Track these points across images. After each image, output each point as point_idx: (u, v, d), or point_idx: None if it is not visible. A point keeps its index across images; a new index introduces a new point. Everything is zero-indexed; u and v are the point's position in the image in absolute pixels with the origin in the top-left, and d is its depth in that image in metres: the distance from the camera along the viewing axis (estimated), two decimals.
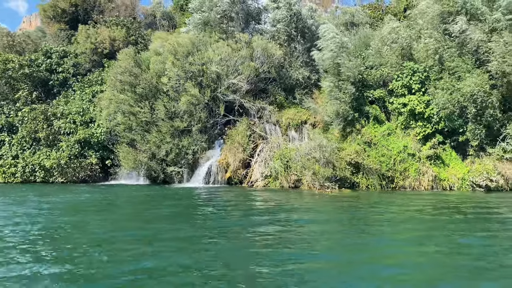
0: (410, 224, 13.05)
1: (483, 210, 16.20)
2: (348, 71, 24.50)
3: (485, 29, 23.24)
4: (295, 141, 27.25)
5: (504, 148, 23.13)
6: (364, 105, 25.88)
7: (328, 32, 25.38)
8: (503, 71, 22.18)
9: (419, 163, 23.97)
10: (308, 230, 11.87)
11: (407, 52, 25.33)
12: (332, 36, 25.13)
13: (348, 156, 24.01)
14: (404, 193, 22.73)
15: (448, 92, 23.32)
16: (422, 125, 24.40)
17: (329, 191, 21.72)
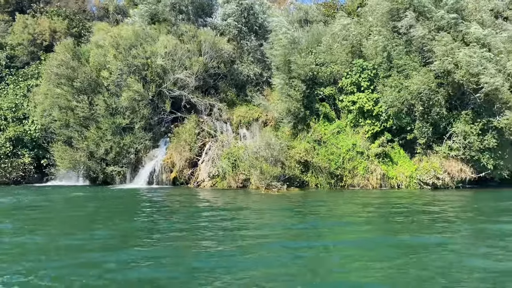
0: (345, 224, 12.40)
1: (412, 207, 15.94)
2: (299, 68, 23.85)
3: (431, 27, 23.30)
4: (246, 139, 26.30)
5: (450, 146, 23.29)
6: (314, 102, 25.35)
7: (280, 27, 24.65)
8: (446, 69, 22.28)
9: (368, 161, 23.73)
10: (232, 230, 10.88)
11: (357, 49, 25.06)
12: (284, 31, 24.42)
13: (297, 155, 23.37)
14: (352, 191, 22.37)
15: (396, 90, 23.20)
16: (370, 123, 24.17)
17: (276, 191, 20.91)
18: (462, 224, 12.46)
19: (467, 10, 24.26)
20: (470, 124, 22.74)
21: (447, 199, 19.07)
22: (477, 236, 10.82)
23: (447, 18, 23.30)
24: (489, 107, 23.00)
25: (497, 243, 9.89)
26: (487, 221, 13.03)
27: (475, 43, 23.14)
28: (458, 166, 23.06)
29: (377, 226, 12.35)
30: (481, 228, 11.82)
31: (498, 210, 15.93)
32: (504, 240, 10.16)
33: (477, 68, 22.02)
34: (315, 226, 12.14)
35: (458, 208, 16.25)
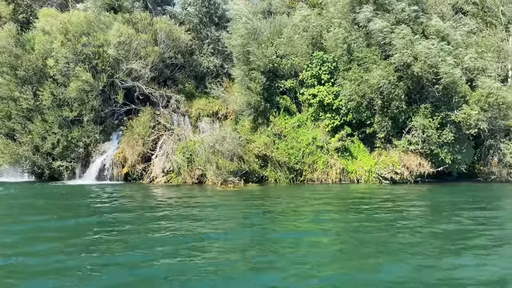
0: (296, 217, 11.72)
1: (359, 200, 15.55)
2: (258, 59, 23.01)
3: (391, 19, 23.00)
4: (205, 132, 25.23)
5: (409, 140, 23.16)
6: (275, 95, 24.62)
7: (240, 16, 23.69)
8: (405, 62, 22.05)
9: (328, 155, 23.28)
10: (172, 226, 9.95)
11: (317, 41, 24.47)
12: (244, 20, 23.48)
13: (256, 149, 22.62)
14: (311, 186, 21.86)
15: (356, 83, 22.80)
16: (331, 117, 23.72)
17: (232, 186, 20.05)
18: (384, 221, 12.04)
19: (428, 3, 24.10)
20: (428, 118, 22.65)
21: (395, 194, 18.80)
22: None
23: (407, 10, 23.07)
24: (447, 101, 23.00)
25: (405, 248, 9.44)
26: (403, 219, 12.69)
27: (434, 35, 23.05)
28: (417, 161, 22.97)
29: (301, 222, 11.76)
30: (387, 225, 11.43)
31: (434, 207, 15.75)
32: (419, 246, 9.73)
33: (435, 59, 21.90)
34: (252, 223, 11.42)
35: (393, 203, 15.95)
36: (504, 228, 11.57)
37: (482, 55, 24.39)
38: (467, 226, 11.50)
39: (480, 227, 11.41)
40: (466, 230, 10.88)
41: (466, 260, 8.12)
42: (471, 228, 11.18)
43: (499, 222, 12.51)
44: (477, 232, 10.72)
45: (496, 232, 10.83)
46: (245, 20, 23.21)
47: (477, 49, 24.63)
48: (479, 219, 12.64)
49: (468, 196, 18.30)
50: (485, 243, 9.52)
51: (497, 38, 25.94)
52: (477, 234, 10.48)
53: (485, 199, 17.33)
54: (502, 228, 11.61)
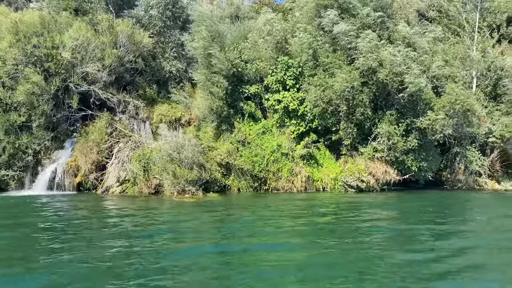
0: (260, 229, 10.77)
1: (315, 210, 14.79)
2: (220, 63, 22.14)
3: (356, 24, 22.61)
4: (167, 140, 24.05)
5: (375, 148, 22.67)
6: (239, 101, 23.77)
7: (203, 18, 22.80)
8: (370, 67, 21.63)
9: (293, 163, 22.52)
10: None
11: (282, 46, 23.84)
12: (207, 23, 22.64)
13: (218, 156, 21.63)
14: (275, 195, 21.03)
15: (321, 89, 22.21)
16: (296, 123, 23.02)
17: (189, 197, 18.94)
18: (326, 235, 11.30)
19: (393, 8, 23.87)
20: (394, 124, 22.25)
21: (358, 203, 18.19)
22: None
23: (373, 15, 22.73)
24: (412, 107, 22.70)
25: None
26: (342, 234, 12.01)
27: (400, 41, 22.78)
28: (383, 168, 22.48)
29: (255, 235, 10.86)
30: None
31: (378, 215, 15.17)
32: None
33: (401, 67, 21.59)
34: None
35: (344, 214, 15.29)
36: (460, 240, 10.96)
37: (448, 62, 24.32)
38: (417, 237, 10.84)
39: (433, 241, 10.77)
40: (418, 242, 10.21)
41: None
42: (423, 239, 10.52)
43: (457, 234, 11.93)
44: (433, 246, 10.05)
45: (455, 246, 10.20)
46: (208, 23, 22.33)
47: (444, 57, 24.56)
48: (437, 230, 12.03)
49: (429, 205, 17.84)
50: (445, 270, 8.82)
51: (463, 46, 25.97)
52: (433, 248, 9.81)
53: (446, 208, 16.90)
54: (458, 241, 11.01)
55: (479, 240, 10.61)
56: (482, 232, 11.97)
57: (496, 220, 14.26)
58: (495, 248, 9.86)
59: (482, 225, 13.19)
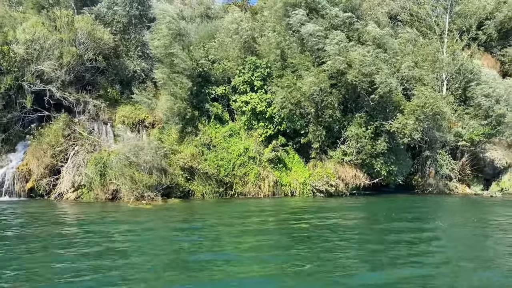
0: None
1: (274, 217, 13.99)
2: (182, 62, 21.15)
3: (325, 24, 22.04)
4: (127, 142, 22.84)
5: (345, 151, 22.10)
6: (205, 102, 22.80)
7: (164, 16, 21.78)
8: (339, 69, 21.07)
9: (260, 167, 21.68)
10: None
11: (250, 45, 23.04)
12: (168, 20, 21.58)
13: (181, 160, 20.59)
14: (241, 200, 20.15)
15: (289, 91, 21.50)
16: (264, 126, 22.23)
17: (145, 203, 17.82)
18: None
19: (362, 9, 23.42)
20: (363, 127, 21.72)
21: (325, 208, 17.48)
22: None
23: (341, 16, 22.22)
24: (382, 110, 22.25)
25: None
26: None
27: (370, 42, 22.32)
28: (352, 172, 21.93)
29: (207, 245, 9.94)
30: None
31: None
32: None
33: (370, 68, 21.10)
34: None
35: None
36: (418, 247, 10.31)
37: (418, 64, 24.02)
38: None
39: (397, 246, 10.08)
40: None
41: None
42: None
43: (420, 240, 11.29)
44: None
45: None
46: (169, 20, 21.32)
47: (414, 59, 24.24)
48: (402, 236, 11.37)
49: (396, 209, 17.30)
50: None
51: (433, 48, 25.78)
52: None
53: (409, 214, 16.35)
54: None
55: (433, 252, 9.94)
56: (437, 241, 11.33)
57: (457, 227, 13.74)
58: (446, 258, 9.22)
59: (440, 232, 12.58)
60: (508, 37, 33.01)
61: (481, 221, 14.65)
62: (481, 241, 11.29)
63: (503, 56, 32.57)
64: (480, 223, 14.16)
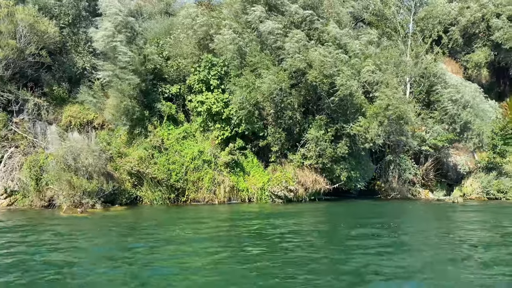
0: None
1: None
2: (126, 56, 19.63)
3: (284, 22, 21.06)
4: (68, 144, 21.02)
5: (305, 155, 21.08)
6: (157, 101, 21.32)
7: (110, 8, 20.22)
8: (299, 69, 20.11)
9: (216, 171, 20.35)
10: None
11: (207, 43, 21.76)
12: (114, 12, 20.04)
13: (128, 164, 19.00)
14: (193, 207, 18.77)
15: (247, 90, 20.33)
16: (220, 128, 20.91)
17: (80, 212, 16.14)
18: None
19: (323, 7, 22.59)
20: (323, 130, 20.79)
21: (274, 214, 16.36)
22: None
23: (301, 13, 21.29)
24: (343, 112, 21.39)
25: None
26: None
27: (331, 42, 21.48)
28: (312, 177, 20.92)
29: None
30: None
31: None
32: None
33: (332, 69, 20.23)
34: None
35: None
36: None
37: (381, 67, 23.36)
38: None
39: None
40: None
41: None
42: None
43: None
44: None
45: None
46: (114, 11, 19.79)
47: (376, 61, 23.53)
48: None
49: (351, 215, 16.38)
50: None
51: (396, 50, 25.23)
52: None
53: (363, 221, 15.43)
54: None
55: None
56: (377, 253, 10.33)
57: (408, 236, 12.85)
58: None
59: (387, 241, 11.62)
60: (471, 43, 33.20)
61: (428, 229, 13.86)
62: (421, 250, 10.38)
63: (467, 61, 32.68)
64: (426, 231, 13.35)
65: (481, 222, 15.76)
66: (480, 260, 9.41)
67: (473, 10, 30.34)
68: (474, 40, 32.66)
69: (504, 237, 12.18)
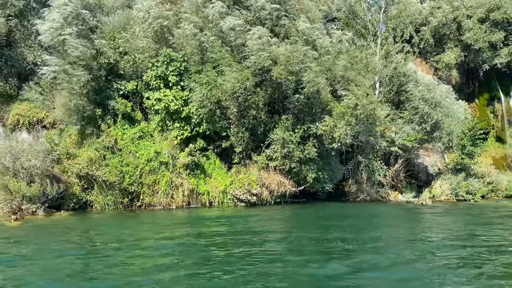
0: None
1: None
2: (77, 51, 18.18)
3: (249, 17, 20.03)
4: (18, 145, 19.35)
5: (270, 156, 20.05)
6: (111, 99, 19.88)
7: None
8: (263, 66, 19.11)
9: (174, 174, 19.08)
10: None
11: (165, 37, 20.48)
12: (63, 2, 18.55)
13: (77, 166, 17.51)
14: (148, 213, 17.43)
15: (208, 88, 19.16)
16: (180, 127, 19.65)
17: (14, 219, 14.60)
18: None
19: (290, 2, 21.65)
20: (289, 130, 19.82)
21: (230, 218, 15.27)
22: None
23: (268, 8, 20.31)
24: (310, 112, 20.48)
25: None
26: None
27: (298, 38, 20.55)
28: (277, 179, 19.91)
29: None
30: None
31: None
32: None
33: (298, 65, 19.30)
34: None
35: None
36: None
37: (351, 66, 22.55)
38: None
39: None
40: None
41: None
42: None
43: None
44: None
45: None
46: (64, 1, 18.31)
47: (346, 58, 22.71)
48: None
49: (314, 218, 15.43)
50: None
51: (366, 49, 24.59)
52: None
53: (317, 225, 14.52)
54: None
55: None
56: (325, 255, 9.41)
57: (358, 244, 11.97)
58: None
59: (335, 248, 10.68)
60: (442, 44, 33.04)
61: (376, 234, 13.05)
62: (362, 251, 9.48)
63: (437, 62, 32.48)
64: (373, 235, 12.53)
65: (441, 224, 15.10)
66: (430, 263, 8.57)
67: (446, 11, 30.11)
68: (444, 41, 32.49)
69: (454, 240, 11.42)
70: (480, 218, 16.69)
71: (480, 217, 17.25)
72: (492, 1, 29.43)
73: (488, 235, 12.34)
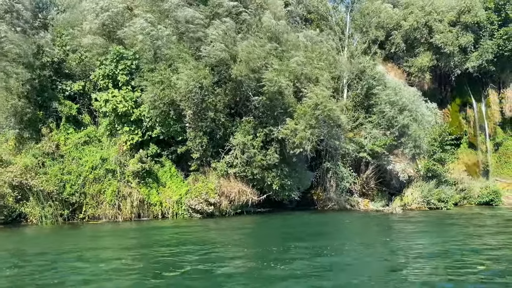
0: None
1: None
2: (16, 47, 16.34)
3: (206, 12, 18.64)
4: None
5: (230, 162, 18.53)
6: (55, 100, 18.04)
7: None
8: (223, 63, 17.68)
9: (122, 182, 17.30)
10: None
11: (115, 33, 18.80)
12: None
13: (9, 174, 15.54)
14: (90, 227, 15.57)
15: (161, 87, 17.58)
16: (130, 131, 17.93)
17: None
18: None
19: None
20: (251, 134, 18.39)
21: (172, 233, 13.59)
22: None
23: (226, 5, 18.96)
24: (272, 114, 19.07)
25: None
26: None
27: (262, 34, 19.25)
28: (238, 187, 18.39)
29: None
30: None
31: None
32: None
33: (260, 61, 17.96)
34: None
35: None
36: None
37: (314, 62, 21.16)
38: None
39: None
40: None
41: None
42: None
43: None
44: None
45: None
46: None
47: (309, 55, 21.26)
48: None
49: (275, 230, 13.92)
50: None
51: (331, 47, 23.42)
52: None
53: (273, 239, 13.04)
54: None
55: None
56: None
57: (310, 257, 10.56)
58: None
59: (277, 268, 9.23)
60: (414, 48, 32.45)
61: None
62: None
63: (410, 67, 31.81)
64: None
65: (408, 233, 13.86)
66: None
67: (418, 16, 29.50)
68: (416, 45, 31.89)
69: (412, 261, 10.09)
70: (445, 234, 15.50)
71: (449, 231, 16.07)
72: (462, 3, 28.97)
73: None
